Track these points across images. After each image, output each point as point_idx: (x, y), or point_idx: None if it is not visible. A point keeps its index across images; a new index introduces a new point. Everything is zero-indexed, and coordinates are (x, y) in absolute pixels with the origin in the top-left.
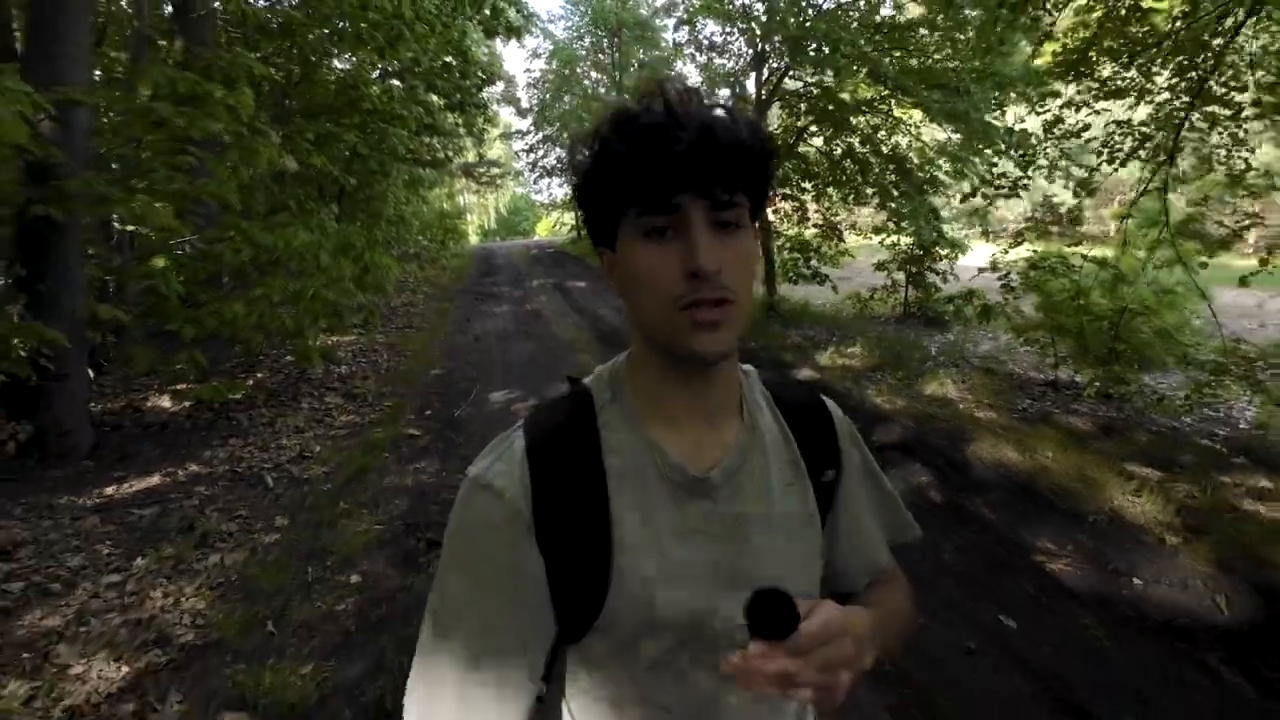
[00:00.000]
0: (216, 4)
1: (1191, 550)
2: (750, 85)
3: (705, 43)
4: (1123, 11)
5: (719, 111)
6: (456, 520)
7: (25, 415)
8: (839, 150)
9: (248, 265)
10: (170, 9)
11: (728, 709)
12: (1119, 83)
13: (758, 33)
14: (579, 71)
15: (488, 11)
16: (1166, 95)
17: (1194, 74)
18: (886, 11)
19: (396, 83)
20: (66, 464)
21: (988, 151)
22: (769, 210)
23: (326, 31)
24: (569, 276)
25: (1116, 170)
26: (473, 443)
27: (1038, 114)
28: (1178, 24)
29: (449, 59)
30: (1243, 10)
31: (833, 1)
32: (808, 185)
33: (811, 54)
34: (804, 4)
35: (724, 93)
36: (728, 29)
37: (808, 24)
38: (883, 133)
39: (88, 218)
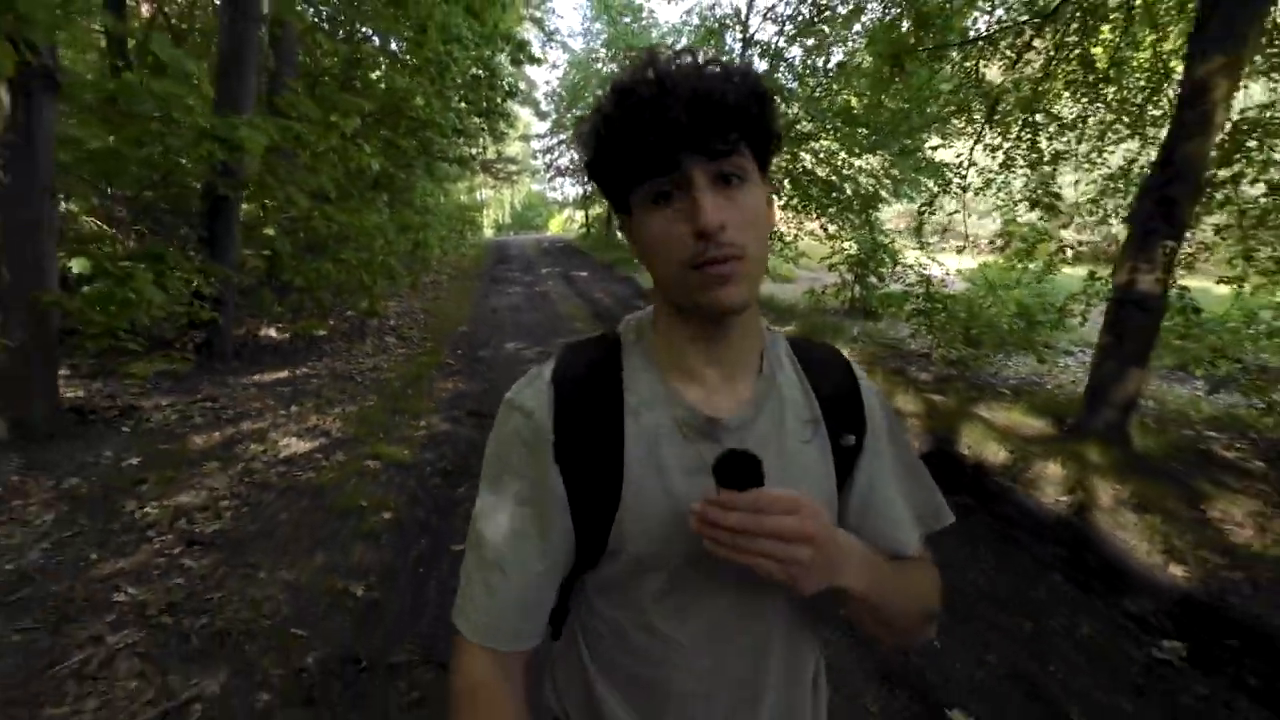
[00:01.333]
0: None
1: (925, 425)
2: None
3: None
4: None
5: (711, 67)
6: (493, 437)
7: (199, 328)
8: (794, 171)
9: (330, 238)
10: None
11: (733, 642)
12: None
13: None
14: (594, 83)
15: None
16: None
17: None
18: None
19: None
20: (224, 362)
21: (917, 176)
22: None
23: (388, 61)
24: (574, 267)
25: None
26: (493, 370)
27: (947, 148)
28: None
29: (478, 72)
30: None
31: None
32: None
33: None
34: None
35: None
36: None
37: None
38: (819, 159)
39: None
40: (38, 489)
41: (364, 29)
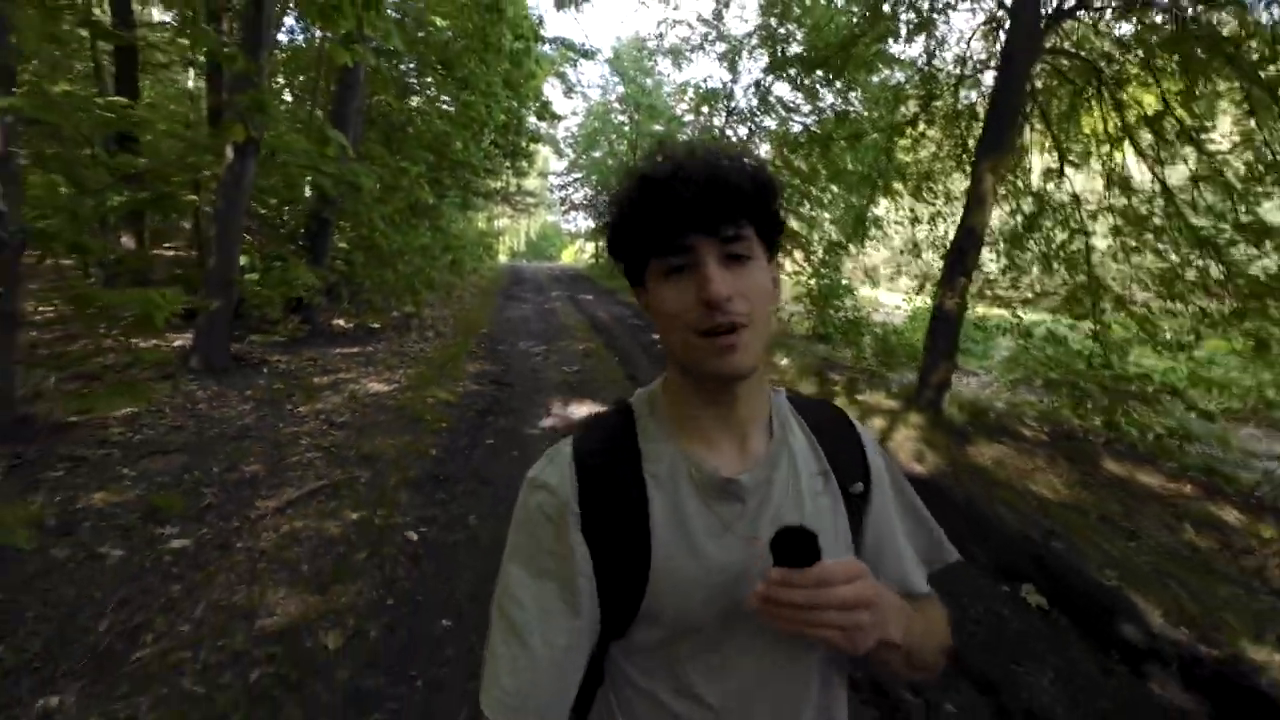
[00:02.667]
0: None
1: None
2: None
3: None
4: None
5: (723, 158)
6: (517, 516)
7: (301, 314)
8: None
9: (390, 254)
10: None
11: (769, 700)
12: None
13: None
14: (609, 130)
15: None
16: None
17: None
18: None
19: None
20: (314, 340)
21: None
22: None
23: (435, 112)
24: (581, 291)
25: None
26: (509, 359)
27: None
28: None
29: (506, 119)
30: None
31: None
32: None
33: None
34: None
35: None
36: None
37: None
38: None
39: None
40: (232, 395)
41: (418, 85)
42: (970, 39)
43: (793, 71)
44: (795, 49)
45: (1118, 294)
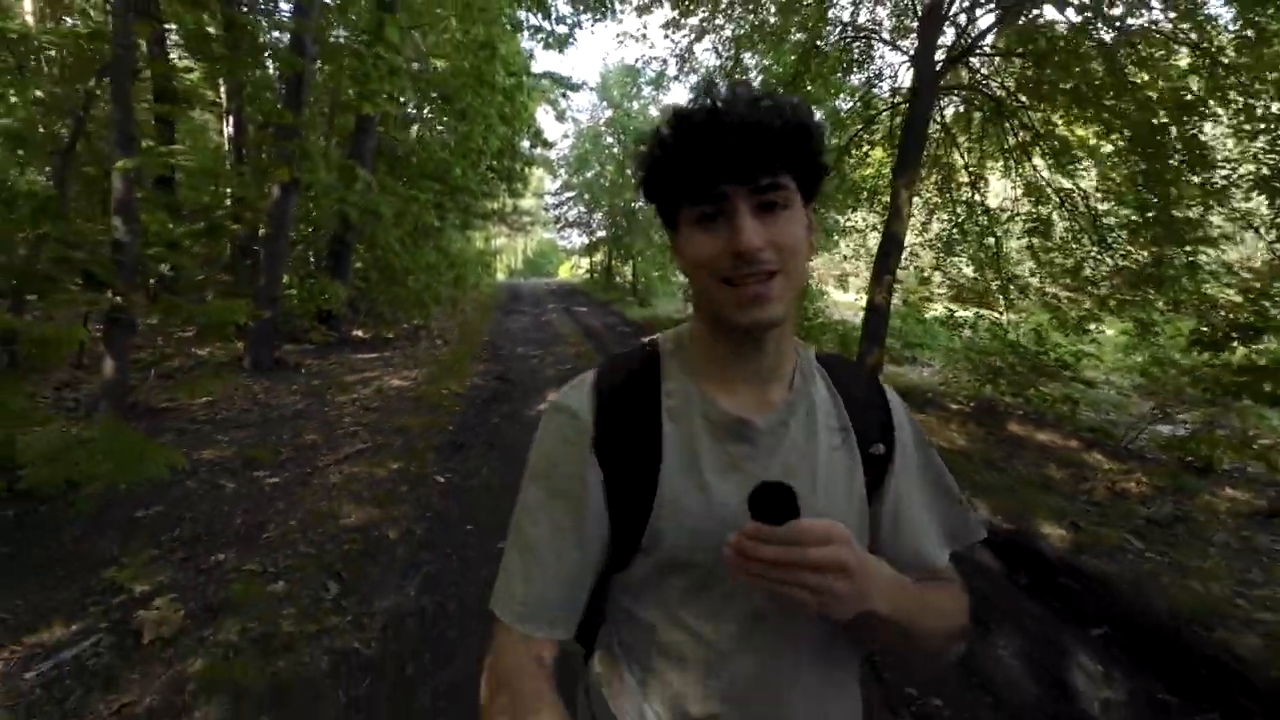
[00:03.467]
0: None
1: None
2: None
3: None
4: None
5: (764, 101)
6: (538, 437)
7: (327, 324)
8: None
9: (401, 271)
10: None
11: (761, 643)
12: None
13: None
14: (599, 152)
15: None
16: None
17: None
18: None
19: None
20: (339, 347)
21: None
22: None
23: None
24: (576, 304)
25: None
26: (509, 361)
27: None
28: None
29: (501, 146)
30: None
31: None
32: None
33: None
34: None
35: None
36: None
37: None
38: None
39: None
40: (281, 389)
41: (418, 117)
42: (897, 73)
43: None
44: (754, 76)
45: (1023, 285)
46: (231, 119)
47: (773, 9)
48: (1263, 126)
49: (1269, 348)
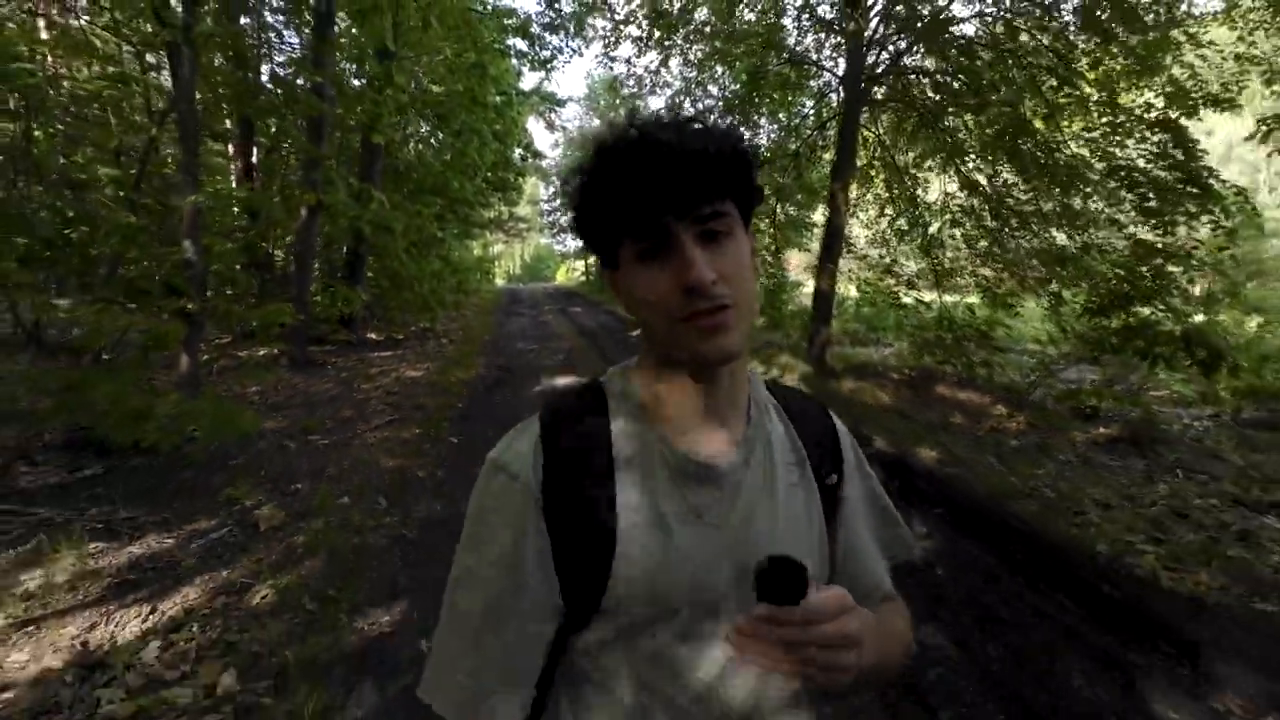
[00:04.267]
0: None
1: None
2: None
3: None
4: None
5: (692, 126)
6: (473, 501)
7: (346, 327)
8: None
9: (407, 278)
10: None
11: (729, 698)
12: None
13: None
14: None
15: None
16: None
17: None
18: None
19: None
20: (357, 348)
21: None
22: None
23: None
24: (571, 305)
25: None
26: (510, 355)
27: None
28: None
29: (493, 157)
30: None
31: None
32: None
33: None
34: None
35: None
36: None
37: None
38: None
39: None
40: (314, 381)
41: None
42: (839, 89)
43: (713, 115)
44: (715, 92)
45: (957, 269)
46: (233, 146)
47: (718, 43)
48: (1103, 121)
49: (1139, 312)
